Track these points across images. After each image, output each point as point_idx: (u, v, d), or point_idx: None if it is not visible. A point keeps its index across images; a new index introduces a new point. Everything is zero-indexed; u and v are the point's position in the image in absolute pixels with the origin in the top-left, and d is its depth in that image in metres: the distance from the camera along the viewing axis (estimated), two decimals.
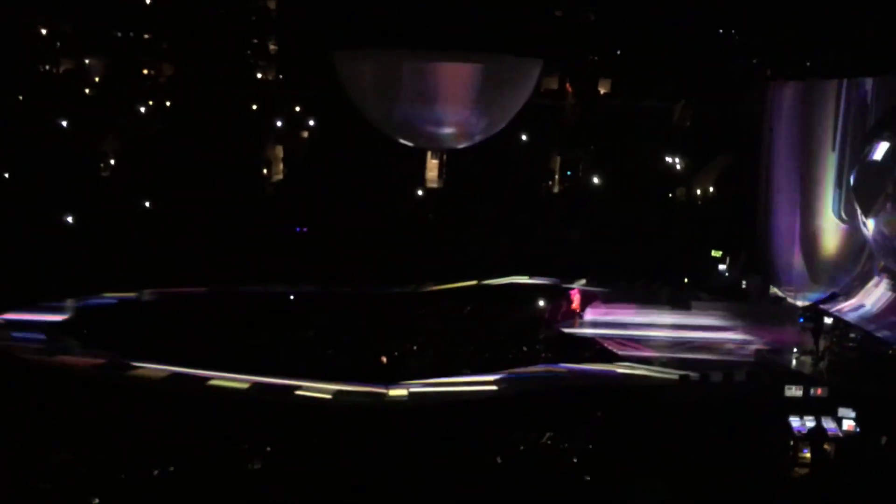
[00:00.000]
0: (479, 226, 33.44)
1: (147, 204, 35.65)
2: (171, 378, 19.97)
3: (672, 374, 21.54)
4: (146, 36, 41.37)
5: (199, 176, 35.99)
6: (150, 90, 40.55)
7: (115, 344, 22.25)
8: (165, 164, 36.18)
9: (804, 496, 16.21)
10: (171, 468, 14.04)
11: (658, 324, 25.79)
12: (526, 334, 24.72)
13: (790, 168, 29.09)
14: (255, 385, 19.69)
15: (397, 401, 19.38)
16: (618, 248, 31.17)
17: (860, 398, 19.11)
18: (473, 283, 29.65)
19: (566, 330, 25.48)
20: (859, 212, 24.98)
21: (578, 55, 39.13)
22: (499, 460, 14.74)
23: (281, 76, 41.43)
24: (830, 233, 28.14)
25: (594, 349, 23.89)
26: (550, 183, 39.38)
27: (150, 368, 20.47)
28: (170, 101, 40.15)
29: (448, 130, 32.45)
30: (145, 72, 41.24)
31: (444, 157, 37.95)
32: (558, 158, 39.88)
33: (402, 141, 32.91)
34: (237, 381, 19.81)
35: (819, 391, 19.95)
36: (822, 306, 26.92)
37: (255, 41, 41.71)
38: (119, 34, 40.71)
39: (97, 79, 40.36)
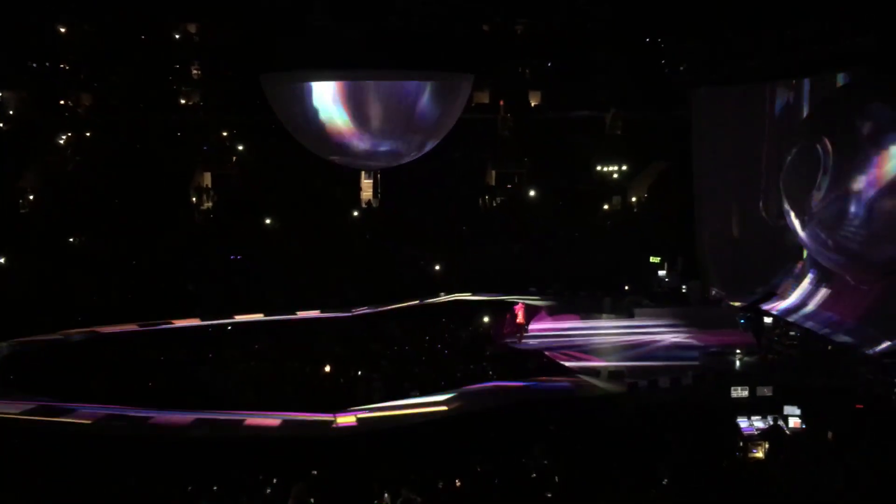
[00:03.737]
0: (418, 244, 33.14)
1: (71, 240, 34.38)
2: (107, 420, 19.08)
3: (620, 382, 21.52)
4: (63, 66, 40.12)
5: (125, 208, 34.93)
6: (69, 122, 39.33)
7: (46, 388, 21.22)
8: (89, 198, 34.99)
9: (756, 497, 16.26)
10: None
11: (603, 333, 25.89)
12: (472, 352, 24.46)
13: (721, 172, 29.65)
14: (198, 420, 18.95)
15: (346, 428, 18.86)
16: (558, 260, 31.26)
17: (805, 395, 19.36)
18: (416, 302, 29.28)
19: (513, 345, 25.37)
20: (789, 211, 25.48)
21: (508, 68, 39.38)
22: (458, 483, 14.44)
23: (206, 101, 40.63)
24: (763, 233, 28.70)
25: (541, 362, 23.77)
26: (488, 197, 39.40)
27: (83, 411, 19.55)
28: (90, 132, 38.97)
29: (381, 149, 32.11)
30: (62, 103, 39.98)
31: (379, 176, 37.66)
32: (494, 172, 39.99)
33: (335, 161, 32.43)
34: (178, 418, 19.03)
35: (765, 390, 20.18)
36: (760, 306, 27.39)
37: (178, 66, 40.83)
38: (34, 65, 39.37)
39: (12, 112, 38.96)
